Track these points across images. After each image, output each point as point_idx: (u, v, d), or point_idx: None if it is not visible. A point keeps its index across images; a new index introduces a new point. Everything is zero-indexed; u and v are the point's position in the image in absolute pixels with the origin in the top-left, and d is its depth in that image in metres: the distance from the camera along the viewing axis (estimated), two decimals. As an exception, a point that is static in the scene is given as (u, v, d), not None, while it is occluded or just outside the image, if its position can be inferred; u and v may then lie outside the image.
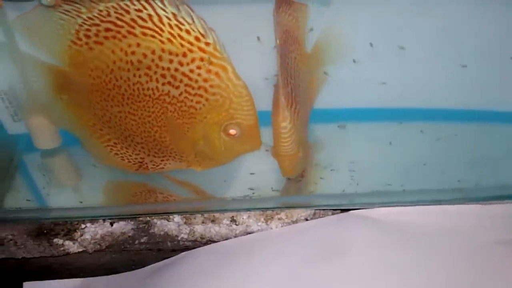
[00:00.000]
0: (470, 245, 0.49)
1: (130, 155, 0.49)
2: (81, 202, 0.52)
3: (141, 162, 0.49)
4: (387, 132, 0.52)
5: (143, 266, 0.52)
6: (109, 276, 0.53)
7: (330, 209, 0.51)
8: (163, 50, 0.39)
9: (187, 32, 0.38)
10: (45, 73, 0.44)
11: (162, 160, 0.49)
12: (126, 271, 0.53)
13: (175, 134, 0.45)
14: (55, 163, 0.53)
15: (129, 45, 0.40)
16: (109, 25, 0.39)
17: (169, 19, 0.38)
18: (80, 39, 0.41)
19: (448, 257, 0.49)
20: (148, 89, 0.42)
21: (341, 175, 0.52)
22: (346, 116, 0.53)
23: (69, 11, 0.40)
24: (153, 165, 0.49)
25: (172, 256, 0.52)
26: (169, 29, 0.39)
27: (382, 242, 0.49)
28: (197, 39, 0.39)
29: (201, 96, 0.41)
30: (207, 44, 0.39)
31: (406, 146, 0.52)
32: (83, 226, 0.50)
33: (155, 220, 0.51)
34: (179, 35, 0.39)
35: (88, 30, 0.40)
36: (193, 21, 0.38)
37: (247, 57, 0.40)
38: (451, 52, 0.49)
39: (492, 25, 0.48)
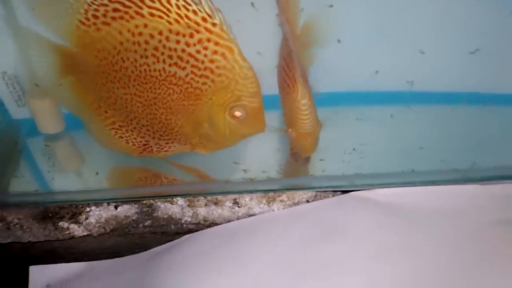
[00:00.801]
0: (469, 224, 0.50)
1: (135, 138, 0.49)
2: (87, 185, 0.52)
3: (145, 145, 0.49)
4: (386, 115, 0.53)
5: (147, 249, 0.53)
6: (113, 260, 0.53)
7: (331, 191, 0.52)
8: (170, 31, 0.39)
9: (194, 12, 0.38)
10: (53, 53, 0.44)
11: (167, 143, 0.49)
12: (130, 255, 0.53)
13: (181, 116, 0.45)
14: (59, 147, 0.53)
15: (136, 26, 0.40)
16: (117, 5, 0.39)
17: None
18: (88, 19, 0.41)
19: (447, 236, 0.49)
20: (154, 70, 0.42)
21: (341, 157, 0.53)
22: (339, 99, 0.54)
23: None
24: (158, 148, 0.49)
25: (175, 239, 0.52)
26: (177, 10, 0.39)
27: (382, 222, 0.50)
28: (204, 19, 0.39)
29: (207, 77, 0.41)
30: (214, 24, 0.39)
31: (404, 128, 0.52)
32: (88, 209, 0.51)
33: (158, 204, 0.52)
34: (186, 16, 0.39)
35: (96, 10, 0.40)
36: (200, 2, 0.38)
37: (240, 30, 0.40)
38: (446, 34, 0.49)
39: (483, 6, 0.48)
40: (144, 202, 0.52)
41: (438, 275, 0.47)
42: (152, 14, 0.39)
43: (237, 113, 0.43)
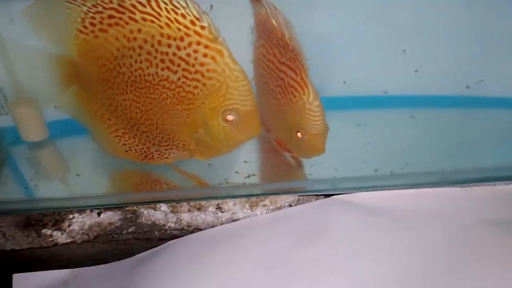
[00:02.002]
0: (450, 226, 0.50)
1: (136, 145, 0.49)
2: (70, 192, 0.52)
3: (146, 152, 0.49)
4: (367, 118, 0.53)
5: (132, 256, 0.53)
6: (98, 266, 0.53)
7: (313, 195, 0.52)
8: (162, 35, 0.40)
9: (183, 16, 0.39)
10: (55, 64, 0.44)
11: (166, 150, 0.49)
12: (114, 261, 0.53)
13: (176, 122, 0.45)
14: (43, 155, 0.53)
15: (131, 31, 0.40)
16: (112, 12, 0.40)
17: (165, 3, 0.39)
18: (86, 27, 0.41)
19: (428, 238, 0.50)
20: (148, 74, 0.42)
21: (324, 161, 0.53)
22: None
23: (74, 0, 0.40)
24: (159, 154, 0.49)
25: (160, 245, 0.52)
26: (166, 14, 0.39)
27: (364, 225, 0.50)
28: (192, 23, 0.39)
29: (198, 80, 0.41)
30: (203, 27, 0.39)
31: (385, 132, 0.53)
32: (71, 216, 0.51)
33: (142, 210, 0.52)
34: (175, 19, 0.39)
35: (93, 18, 0.41)
36: (187, 5, 0.39)
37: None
38: (428, 38, 0.50)
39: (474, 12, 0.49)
40: (128, 208, 0.52)
41: (420, 277, 0.48)
42: (144, 19, 0.40)
43: (229, 117, 0.43)
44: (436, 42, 0.53)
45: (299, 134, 0.47)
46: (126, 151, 0.50)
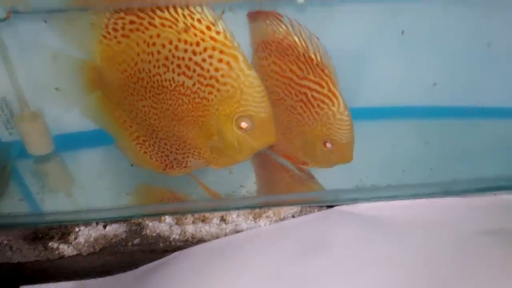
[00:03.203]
0: (450, 236, 0.51)
1: (156, 153, 0.50)
2: (76, 206, 0.53)
3: (166, 161, 0.49)
4: (365, 130, 0.54)
5: (137, 267, 0.53)
6: (104, 278, 0.54)
7: (316, 206, 0.53)
8: (179, 40, 0.40)
9: (199, 21, 0.39)
10: (80, 69, 0.45)
11: (183, 158, 0.49)
12: (120, 273, 0.54)
13: (191, 129, 0.45)
14: (48, 168, 0.54)
15: (151, 36, 0.41)
16: (133, 17, 0.41)
17: (182, 8, 0.39)
18: (109, 33, 0.42)
19: (429, 248, 0.51)
20: (165, 80, 0.43)
21: (324, 172, 0.54)
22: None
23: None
24: (177, 163, 0.50)
25: (164, 257, 0.53)
26: (183, 19, 0.40)
27: (366, 236, 0.51)
28: (208, 28, 0.39)
29: (212, 86, 0.42)
30: (218, 33, 0.39)
31: (385, 143, 0.53)
32: (77, 229, 0.52)
33: (147, 222, 0.53)
34: (192, 25, 0.39)
35: (115, 23, 0.41)
36: (202, 10, 0.39)
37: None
38: (428, 50, 0.51)
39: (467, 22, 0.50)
40: (133, 221, 0.53)
41: (420, 286, 0.48)
42: (163, 24, 0.40)
43: (244, 124, 0.43)
44: (435, 54, 0.53)
45: (328, 145, 0.47)
46: (148, 159, 0.50)
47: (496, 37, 0.52)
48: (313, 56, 0.44)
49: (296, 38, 0.44)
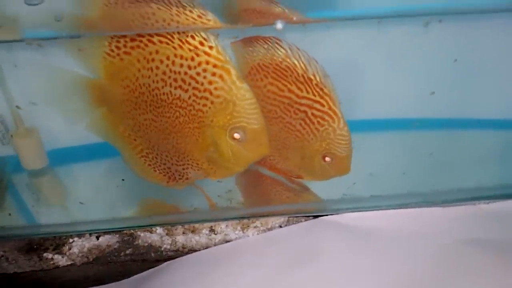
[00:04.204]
0: (431, 245, 0.53)
1: (159, 165, 0.51)
2: (70, 218, 0.54)
3: (168, 173, 0.51)
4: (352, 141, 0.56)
5: (129, 277, 0.55)
6: (97, 287, 0.56)
7: (302, 216, 0.55)
8: (175, 56, 0.42)
9: (192, 37, 0.41)
10: (85, 86, 0.46)
11: (183, 169, 0.50)
12: (113, 282, 0.55)
13: (189, 140, 0.47)
14: (42, 182, 0.55)
15: (150, 53, 0.43)
16: (134, 36, 0.42)
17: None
18: (112, 51, 0.44)
19: (411, 257, 0.52)
20: (163, 94, 0.45)
21: (311, 185, 0.56)
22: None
23: None
24: (179, 175, 0.51)
25: (156, 266, 0.55)
26: (178, 35, 0.42)
27: (351, 245, 0.53)
28: (201, 43, 0.41)
29: (206, 98, 0.43)
30: (211, 47, 0.41)
31: (368, 154, 0.55)
32: (71, 240, 0.54)
33: (138, 233, 0.55)
34: (186, 41, 0.42)
35: (118, 41, 0.43)
36: None
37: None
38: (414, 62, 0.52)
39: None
40: (125, 232, 0.54)
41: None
42: (160, 41, 0.42)
43: (236, 135, 0.45)
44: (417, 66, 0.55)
45: (327, 159, 0.49)
46: (152, 172, 0.52)
47: (466, 53, 0.54)
48: (312, 77, 0.46)
49: (295, 61, 0.46)
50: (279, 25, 0.43)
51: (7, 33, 0.41)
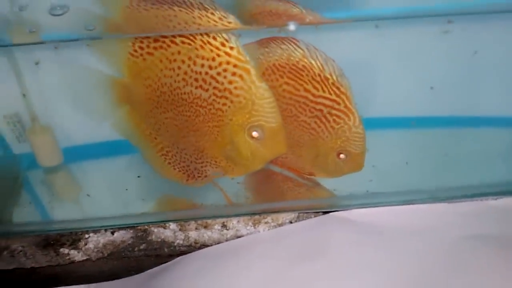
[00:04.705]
0: (439, 240, 0.54)
1: (179, 163, 0.52)
2: (85, 214, 0.56)
3: (188, 171, 0.52)
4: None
5: (143, 271, 0.56)
6: (112, 282, 0.56)
7: (312, 212, 0.56)
8: (197, 56, 0.43)
9: (214, 38, 0.43)
10: (110, 85, 0.48)
11: (202, 167, 0.52)
12: (127, 276, 0.57)
13: (208, 138, 0.48)
14: (57, 179, 0.57)
15: (172, 53, 0.44)
16: (157, 36, 0.44)
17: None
18: (136, 51, 0.45)
19: (420, 253, 0.53)
20: (184, 93, 0.46)
21: (321, 181, 0.57)
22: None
23: None
24: (198, 173, 0.52)
25: (168, 261, 0.56)
26: (200, 36, 0.43)
27: (360, 241, 0.54)
28: (222, 44, 0.42)
29: (226, 98, 0.45)
30: (231, 48, 0.42)
31: (375, 151, 0.56)
32: (86, 236, 0.55)
33: (152, 228, 0.56)
34: (208, 42, 0.43)
35: (141, 42, 0.44)
36: None
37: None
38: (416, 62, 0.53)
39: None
40: (139, 227, 0.56)
41: (412, 288, 0.51)
42: (183, 42, 0.43)
43: (255, 133, 0.46)
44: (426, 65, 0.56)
45: (341, 156, 0.50)
46: (172, 170, 0.53)
47: (485, 46, 0.54)
48: (329, 76, 0.47)
49: (312, 61, 0.47)
50: (292, 27, 0.43)
51: (30, 36, 0.42)
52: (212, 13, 0.41)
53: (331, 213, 0.56)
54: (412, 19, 0.48)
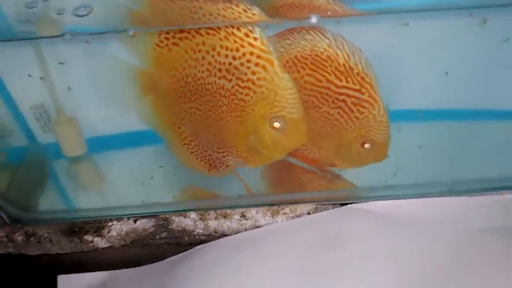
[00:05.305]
0: (458, 233, 0.54)
1: (201, 153, 0.53)
2: (108, 203, 0.57)
3: (210, 160, 0.53)
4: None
5: (163, 259, 0.58)
6: (134, 269, 0.58)
7: (330, 204, 0.57)
8: (221, 46, 0.44)
9: (238, 29, 0.43)
10: (136, 75, 0.49)
11: (223, 157, 0.52)
12: (148, 264, 0.58)
13: (230, 129, 0.49)
14: (81, 169, 0.58)
15: (197, 44, 0.44)
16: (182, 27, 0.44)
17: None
18: (162, 41, 0.45)
19: (437, 245, 0.53)
20: (208, 83, 0.46)
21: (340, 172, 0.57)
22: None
23: None
24: (219, 163, 0.53)
25: (189, 249, 0.57)
26: (224, 27, 0.43)
27: (378, 232, 0.54)
28: (246, 35, 0.43)
29: (249, 88, 0.45)
30: (255, 39, 0.43)
31: (395, 143, 0.56)
32: (110, 224, 0.56)
33: (173, 217, 0.57)
34: (232, 32, 0.43)
35: (167, 33, 0.45)
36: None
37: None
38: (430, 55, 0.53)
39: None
40: (160, 216, 0.57)
41: (429, 280, 0.52)
42: (208, 33, 0.44)
43: (276, 124, 0.46)
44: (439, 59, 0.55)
45: (366, 145, 0.50)
46: (194, 160, 0.54)
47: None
48: (354, 66, 0.47)
49: (338, 51, 0.46)
50: (314, 19, 0.44)
51: (56, 29, 0.43)
52: (236, 5, 0.42)
53: (349, 205, 0.57)
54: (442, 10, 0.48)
